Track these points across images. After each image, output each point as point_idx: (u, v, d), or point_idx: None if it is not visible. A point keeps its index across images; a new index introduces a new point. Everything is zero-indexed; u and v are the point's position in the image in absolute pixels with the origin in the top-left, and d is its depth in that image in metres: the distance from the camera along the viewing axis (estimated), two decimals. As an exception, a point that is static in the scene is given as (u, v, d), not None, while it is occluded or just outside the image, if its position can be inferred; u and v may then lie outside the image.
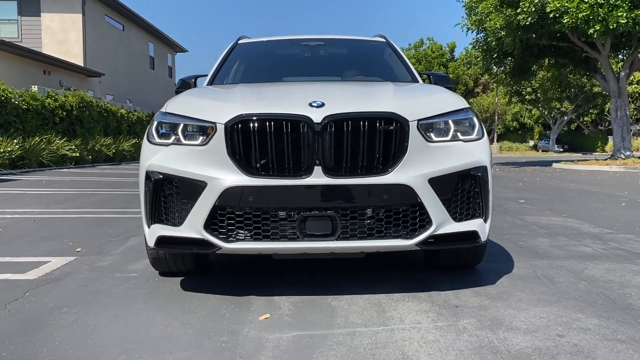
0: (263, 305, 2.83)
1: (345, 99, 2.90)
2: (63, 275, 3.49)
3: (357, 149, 2.71)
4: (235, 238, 2.79)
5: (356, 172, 2.73)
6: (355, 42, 4.87)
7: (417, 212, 2.79)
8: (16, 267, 3.71)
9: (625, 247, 4.16)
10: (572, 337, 2.31)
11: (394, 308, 2.73)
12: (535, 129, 63.58)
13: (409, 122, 2.77)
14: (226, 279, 3.31)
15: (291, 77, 4.41)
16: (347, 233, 2.76)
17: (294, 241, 2.77)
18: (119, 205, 7.20)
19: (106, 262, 3.86)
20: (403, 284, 3.14)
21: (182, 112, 2.97)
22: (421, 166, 2.78)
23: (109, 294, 3.07)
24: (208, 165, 2.78)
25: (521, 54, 16.01)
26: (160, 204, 2.92)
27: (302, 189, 2.71)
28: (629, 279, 3.24)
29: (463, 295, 2.94)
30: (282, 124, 2.70)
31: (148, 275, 3.46)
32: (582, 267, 3.55)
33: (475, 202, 2.94)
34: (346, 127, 2.70)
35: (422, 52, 39.05)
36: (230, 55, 4.54)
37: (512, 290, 3.01)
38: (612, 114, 16.43)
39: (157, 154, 2.92)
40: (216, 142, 2.78)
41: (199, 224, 2.77)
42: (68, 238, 4.80)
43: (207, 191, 2.75)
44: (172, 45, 37.16)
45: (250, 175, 2.72)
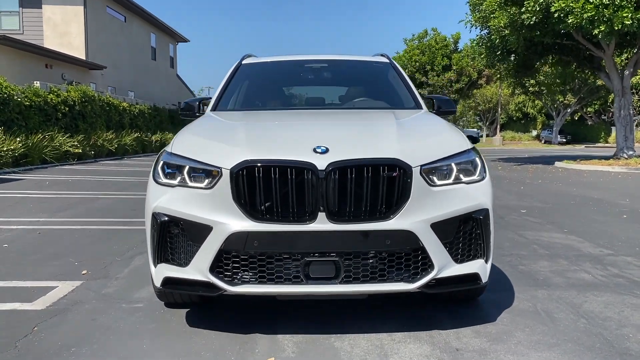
0: (267, 345, 2.88)
1: (349, 143, 2.92)
2: (70, 306, 3.54)
3: (361, 195, 2.75)
4: (240, 280, 2.83)
5: (359, 217, 2.76)
6: (359, 63, 4.87)
7: (420, 256, 2.83)
8: (24, 294, 3.77)
9: (625, 274, 4.20)
10: (570, 392, 2.36)
11: (395, 352, 2.79)
12: (538, 119, 63.47)
13: (412, 168, 2.80)
14: (230, 313, 3.36)
15: (295, 107, 4.42)
16: (350, 277, 2.81)
17: (298, 284, 2.81)
18: (122, 214, 7.26)
19: (112, 289, 3.91)
20: (404, 321, 3.19)
21: (188, 154, 3.00)
22: (424, 211, 2.81)
23: (116, 330, 3.12)
24: (213, 209, 2.82)
25: (525, 52, 15.94)
26: (166, 245, 2.97)
27: (306, 234, 2.75)
28: (627, 315, 3.29)
29: (463, 335, 2.99)
30: (286, 171, 2.74)
31: (154, 307, 3.51)
32: (582, 299, 3.60)
33: (476, 243, 2.98)
34: (350, 174, 2.73)
35: (426, 42, 38.88)
36: (234, 78, 4.56)
37: (512, 330, 3.05)
38: (615, 113, 16.40)
39: (163, 195, 2.96)
40: (222, 186, 2.81)
41: (204, 267, 2.82)
42: (73, 256, 4.85)
43: (213, 235, 2.79)
44: (173, 35, 37.02)
45: (255, 220, 2.76)
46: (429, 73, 38.55)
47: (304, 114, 3.94)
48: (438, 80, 38.13)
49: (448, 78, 38.19)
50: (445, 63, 38.43)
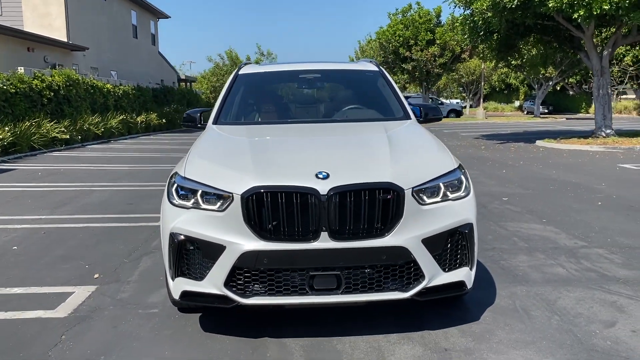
0: (277, 349, 3.22)
1: (347, 168, 3.22)
2: (90, 312, 3.84)
3: (359, 215, 3.07)
4: (252, 293, 3.16)
5: (358, 235, 3.09)
6: (350, 72, 5.14)
7: (412, 268, 3.17)
8: (44, 301, 4.06)
9: (596, 268, 4.60)
10: (543, 388, 2.74)
11: (391, 353, 3.14)
12: (520, 89, 64.19)
13: (404, 190, 3.11)
14: (240, 318, 3.67)
15: (292, 119, 4.67)
16: (350, 288, 3.15)
17: (304, 295, 3.15)
18: (120, 210, 7.50)
19: (126, 294, 4.21)
20: (398, 322, 3.55)
21: (200, 179, 3.27)
22: (415, 228, 3.14)
23: (138, 337, 3.43)
24: (226, 230, 3.12)
25: (507, 32, 16.22)
26: (183, 261, 3.26)
27: (310, 251, 3.07)
28: (596, 311, 3.68)
29: (451, 335, 3.36)
30: (292, 195, 3.04)
31: (168, 312, 3.82)
32: (556, 295, 3.99)
33: (462, 253, 3.32)
34: (349, 197, 3.04)
35: (409, 17, 38.82)
36: (233, 89, 4.79)
37: (494, 329, 3.43)
38: (594, 92, 16.82)
39: (179, 216, 3.24)
40: (233, 209, 3.11)
41: (219, 282, 3.14)
42: (83, 259, 5.13)
43: (227, 254, 3.10)
44: (154, 11, 36.51)
45: (264, 240, 3.07)
46: (412, 48, 38.57)
47: (303, 131, 4.21)
48: (422, 55, 38.22)
49: (432, 53, 38.30)
50: (428, 38, 38.43)
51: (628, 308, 3.74)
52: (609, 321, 3.53)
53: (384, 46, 40.49)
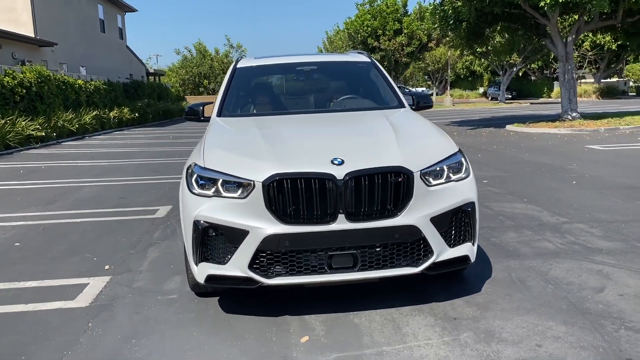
0: (298, 326, 3.45)
1: (359, 154, 3.44)
2: (110, 301, 3.99)
3: (373, 198, 3.30)
4: (274, 274, 3.37)
5: (372, 216, 3.32)
6: (345, 64, 5.36)
7: (422, 245, 3.43)
8: (62, 292, 4.18)
9: (579, 241, 4.96)
10: (547, 347, 3.03)
11: (406, 324, 3.41)
12: (484, 76, 65.58)
13: (413, 173, 3.36)
14: (257, 299, 3.89)
15: (296, 110, 4.87)
16: (365, 265, 3.39)
17: (323, 274, 3.38)
18: (113, 204, 7.58)
19: (141, 282, 4.37)
20: (408, 296, 3.81)
21: (221, 168, 3.46)
22: (424, 208, 3.40)
23: (163, 321, 3.61)
24: (248, 216, 3.32)
25: (476, 21, 16.64)
26: (206, 246, 3.45)
27: (329, 233, 3.30)
28: (585, 279, 4.02)
29: (457, 305, 3.64)
30: (311, 181, 3.26)
31: (187, 297, 4.00)
32: (547, 267, 4.31)
33: (465, 230, 3.60)
34: (364, 181, 3.28)
35: (377, 7, 39.15)
36: (232, 82, 4.95)
37: (495, 299, 3.73)
38: (560, 77, 17.44)
39: (202, 205, 3.42)
40: (255, 196, 3.31)
41: (244, 265, 3.34)
42: (89, 252, 5.24)
43: (250, 238, 3.30)
44: (120, 5, 35.94)
45: (285, 224, 3.28)
46: (381, 38, 38.95)
47: (308, 121, 4.42)
48: (390, 44, 38.63)
49: (399, 42, 38.75)
50: (396, 27, 38.87)
51: (613, 275, 4.08)
52: (598, 287, 3.86)
53: (352, 37, 40.78)
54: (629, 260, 4.38)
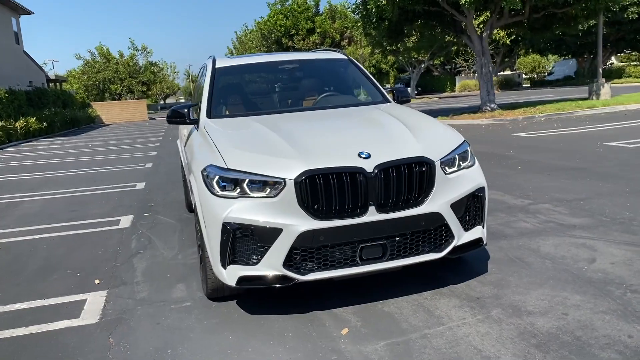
0: (332, 319, 3.49)
1: (382, 146, 3.53)
2: (121, 314, 3.81)
3: (400, 188, 3.41)
4: (307, 270, 3.39)
5: (399, 206, 3.43)
6: (325, 62, 5.41)
7: (443, 231, 3.59)
8: (60, 311, 3.93)
9: (552, 220, 5.35)
10: (573, 315, 3.29)
11: (435, 307, 3.55)
12: (390, 73, 67.93)
13: (434, 162, 3.51)
14: (276, 298, 3.87)
15: (289, 106, 4.87)
16: (393, 254, 3.49)
17: (355, 266, 3.44)
18: (67, 217, 7.15)
19: (144, 293, 4.19)
20: (424, 282, 3.96)
21: (245, 168, 3.41)
22: (444, 195, 3.56)
23: (189, 329, 3.51)
24: (280, 214, 3.31)
25: (397, 19, 17.24)
26: (235, 248, 3.40)
27: (361, 225, 3.37)
28: (575, 253, 4.36)
29: (474, 286, 3.83)
30: (342, 176, 3.30)
31: (201, 303, 3.91)
32: (536, 244, 4.63)
33: (477, 213, 3.80)
34: (392, 172, 3.38)
35: (288, 7, 39.37)
36: (215, 82, 4.85)
37: (505, 277, 3.96)
38: (477, 71, 18.50)
39: (229, 206, 3.36)
40: (286, 194, 3.30)
41: (278, 263, 3.33)
42: (67, 268, 4.94)
43: (284, 236, 3.30)
44: (14, 7, 33.46)
45: (318, 219, 3.31)
46: (294, 37, 39.27)
47: (312, 117, 4.44)
48: (304, 44, 39.04)
49: (313, 41, 39.25)
50: (309, 27, 39.40)
51: (596, 247, 4.46)
52: (590, 258, 4.21)
53: (265, 36, 40.79)
54: (604, 233, 4.80)
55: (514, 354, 2.90)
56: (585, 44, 46.85)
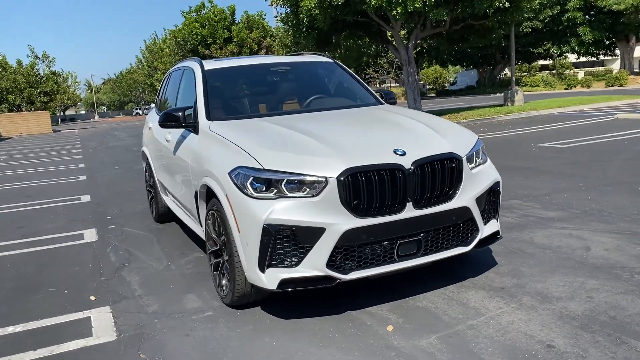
0: (370, 318, 3.47)
1: (414, 143, 3.59)
2: (140, 329, 3.57)
3: (434, 184, 3.48)
4: (348, 268, 3.36)
5: (433, 202, 3.50)
6: (313, 65, 5.39)
7: (470, 224, 3.70)
8: (66, 331, 3.63)
9: (530, 214, 5.66)
10: (599, 297, 3.51)
11: (467, 299, 3.64)
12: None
13: (462, 158, 3.62)
14: (301, 301, 3.79)
15: (291, 108, 4.79)
16: (427, 249, 3.55)
17: (392, 263, 3.47)
18: (20, 234, 6.58)
19: (154, 306, 3.95)
20: (442, 276, 4.04)
21: (283, 167, 3.33)
22: (470, 190, 3.67)
23: (226, 338, 3.35)
24: (322, 213, 3.26)
25: (328, 29, 17.53)
26: (274, 251, 3.30)
27: (400, 222, 3.40)
28: (567, 243, 4.65)
29: (492, 278, 3.97)
30: (382, 173, 3.32)
31: (223, 311, 3.75)
32: (527, 236, 4.88)
33: (493, 207, 3.95)
34: (427, 168, 3.44)
35: (204, 15, 38.67)
36: (208, 85, 4.68)
37: (517, 267, 4.14)
38: (404, 79, 19.19)
39: (269, 207, 3.26)
40: (328, 193, 3.26)
41: (321, 263, 3.27)
42: (49, 286, 4.56)
43: (327, 235, 3.25)
44: None
45: (360, 217, 3.30)
46: (211, 46, 38.62)
47: (324, 118, 4.39)
48: (221, 53, 38.48)
49: (230, 50, 38.81)
50: (226, 36, 38.91)
51: (583, 236, 4.78)
52: (584, 247, 4.50)
53: (181, 45, 39.79)
54: (584, 224, 5.15)
55: (564, 337, 3.04)
56: (485, 56, 50.20)
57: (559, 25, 42.18)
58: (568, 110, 18.56)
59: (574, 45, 43.55)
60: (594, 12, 41.72)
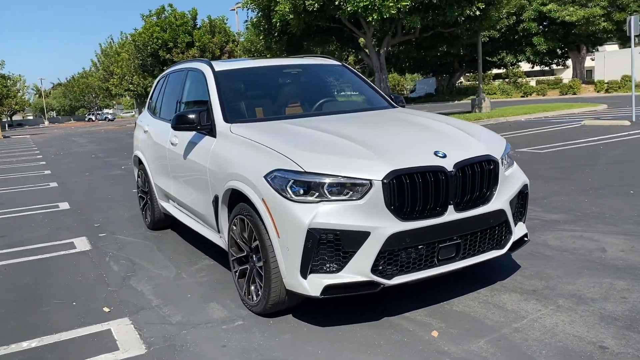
0: (411, 323, 3.40)
1: (452, 145, 3.55)
2: (170, 341, 3.39)
3: (474, 186, 3.46)
4: (391, 274, 3.29)
5: (471, 205, 3.47)
6: (324, 67, 5.30)
7: (504, 227, 3.69)
8: (88, 345, 3.42)
9: (535, 217, 5.71)
10: (632, 298, 3.54)
11: (503, 302, 3.62)
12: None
13: (498, 160, 3.61)
14: (331, 309, 3.68)
15: (309, 110, 4.68)
16: (465, 253, 3.52)
17: (433, 267, 3.41)
18: (1, 244, 6.20)
19: (177, 316, 3.77)
20: (471, 280, 4.01)
21: (325, 170, 3.23)
22: (504, 192, 3.67)
23: (266, 348, 3.22)
24: (367, 216, 3.18)
25: (300, 34, 17.50)
26: (317, 256, 3.19)
27: (442, 225, 3.35)
28: (582, 244, 4.71)
29: (520, 282, 3.97)
30: (426, 175, 3.27)
31: (255, 320, 3.61)
32: (541, 239, 4.92)
33: (520, 210, 3.95)
34: (467, 171, 3.41)
35: (165, 19, 37.93)
36: (221, 87, 4.51)
37: (541, 270, 4.15)
38: (377, 85, 19.30)
39: (312, 211, 3.15)
40: (373, 196, 3.18)
41: (365, 268, 3.19)
42: (51, 297, 4.31)
43: (372, 239, 3.17)
44: None
45: (404, 221, 3.24)
46: (172, 50, 37.95)
47: (347, 120, 4.31)
48: (183, 57, 37.82)
49: (192, 55, 38.20)
50: (188, 40, 38.31)
51: (595, 238, 4.86)
52: (599, 248, 4.57)
53: (140, 49, 38.94)
54: (590, 226, 5.25)
55: (613, 337, 3.05)
56: (444, 64, 51.28)
57: (514, 35, 43.54)
58: (534, 117, 19.11)
59: (529, 54, 45.03)
60: (547, 23, 43.25)
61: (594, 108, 21.65)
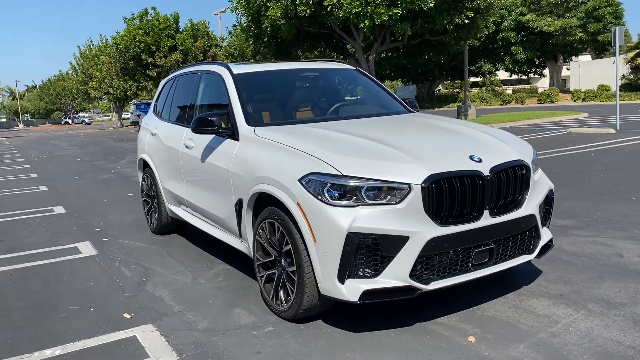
0: (446, 329, 3.38)
1: (486, 150, 3.55)
2: (201, 348, 3.31)
3: (508, 191, 3.47)
4: (427, 279, 3.27)
5: (506, 210, 3.48)
6: (339, 71, 5.28)
7: (534, 232, 3.71)
8: (116, 353, 3.32)
9: (543, 223, 5.78)
10: (660, 302, 3.60)
11: (533, 307, 3.62)
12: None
13: (530, 166, 3.63)
14: (361, 314, 3.65)
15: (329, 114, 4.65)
16: (497, 258, 3.52)
17: (467, 272, 3.40)
18: (5, 248, 6.03)
19: (203, 323, 3.69)
20: (497, 285, 4.01)
21: (363, 174, 3.19)
22: (533, 197, 3.69)
23: (305, 354, 3.16)
24: (406, 221, 3.16)
25: (290, 39, 17.49)
26: (355, 261, 3.16)
27: (478, 230, 3.35)
28: (597, 250, 4.76)
29: (545, 286, 3.98)
30: (464, 180, 3.27)
31: (286, 326, 3.55)
32: (555, 245, 4.88)
33: (546, 215, 3.97)
34: (502, 175, 3.42)
35: (148, 22, 37.52)
36: (241, 90, 4.46)
37: (563, 275, 4.18)
38: (365, 91, 19.39)
39: (351, 215, 3.11)
40: (412, 200, 3.16)
41: (403, 273, 3.16)
42: (66, 303, 4.18)
43: (410, 244, 3.15)
44: None
45: (442, 225, 3.23)
46: (155, 54, 37.54)
47: (373, 124, 4.29)
48: (166, 61, 37.47)
49: (175, 59, 37.85)
50: (170, 44, 37.93)
51: (609, 243, 4.92)
52: (616, 253, 4.63)
53: (122, 52, 38.45)
54: (600, 231, 5.31)
55: (651, 341, 3.08)
56: (425, 72, 51.78)
57: (494, 44, 44.25)
58: (519, 125, 19.39)
59: (508, 63, 45.81)
60: (525, 33, 44.05)
61: (576, 116, 22.07)
